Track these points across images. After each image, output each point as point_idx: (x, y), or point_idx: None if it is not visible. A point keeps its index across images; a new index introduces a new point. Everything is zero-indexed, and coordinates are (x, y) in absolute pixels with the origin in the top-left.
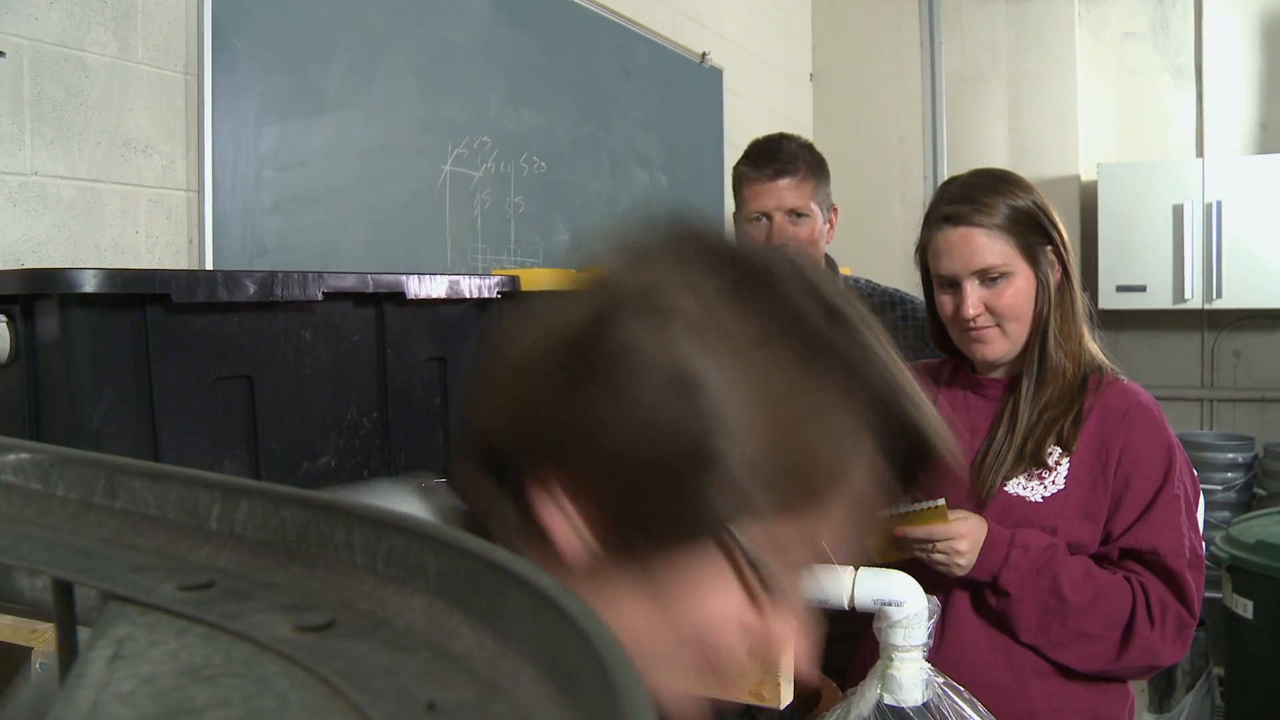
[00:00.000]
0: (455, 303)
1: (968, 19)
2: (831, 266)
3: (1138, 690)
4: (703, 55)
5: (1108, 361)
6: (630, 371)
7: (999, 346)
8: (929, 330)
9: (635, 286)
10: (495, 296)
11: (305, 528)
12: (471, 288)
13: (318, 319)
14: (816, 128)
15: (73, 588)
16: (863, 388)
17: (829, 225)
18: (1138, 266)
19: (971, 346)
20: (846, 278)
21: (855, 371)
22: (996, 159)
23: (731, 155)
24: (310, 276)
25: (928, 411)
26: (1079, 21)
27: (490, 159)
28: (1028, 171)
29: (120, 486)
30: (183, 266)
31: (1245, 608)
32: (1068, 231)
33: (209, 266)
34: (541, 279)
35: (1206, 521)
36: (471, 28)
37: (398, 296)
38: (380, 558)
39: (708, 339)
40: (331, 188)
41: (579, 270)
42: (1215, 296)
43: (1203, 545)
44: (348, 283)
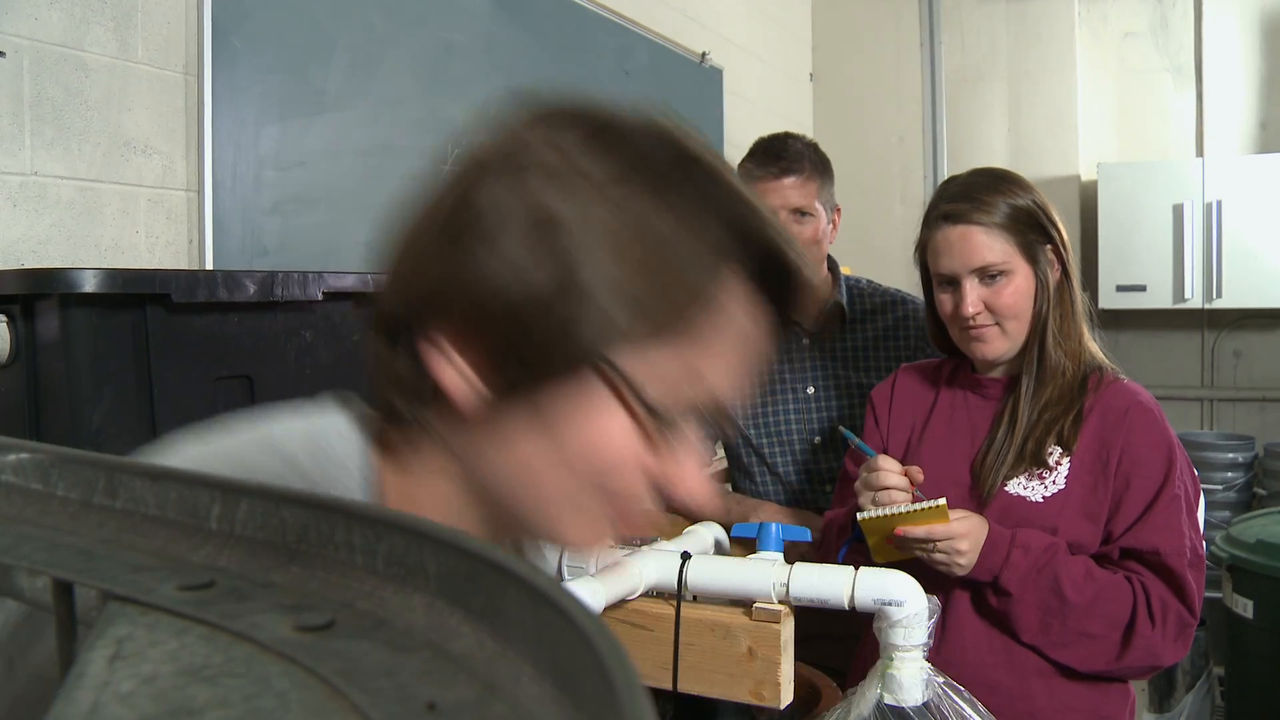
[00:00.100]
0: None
1: (968, 19)
2: (833, 267)
3: (1138, 690)
4: (703, 55)
5: (1108, 361)
6: (496, 221)
7: (998, 345)
8: (929, 330)
9: (497, 151)
10: None
11: (305, 528)
12: None
13: (318, 319)
14: (816, 128)
15: (73, 588)
16: (715, 210)
17: (832, 225)
18: (1138, 266)
19: (971, 345)
20: (848, 278)
21: (706, 197)
22: (996, 159)
23: (731, 155)
24: (310, 276)
25: (781, 231)
26: (1079, 21)
27: None
28: (1028, 171)
29: (120, 486)
30: (183, 266)
31: (1245, 607)
32: (1068, 231)
33: (209, 266)
34: None
35: (1207, 521)
36: (471, 28)
37: None
38: (380, 558)
39: (564, 183)
40: (331, 188)
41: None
42: (1215, 296)
43: (1203, 545)
44: (348, 283)
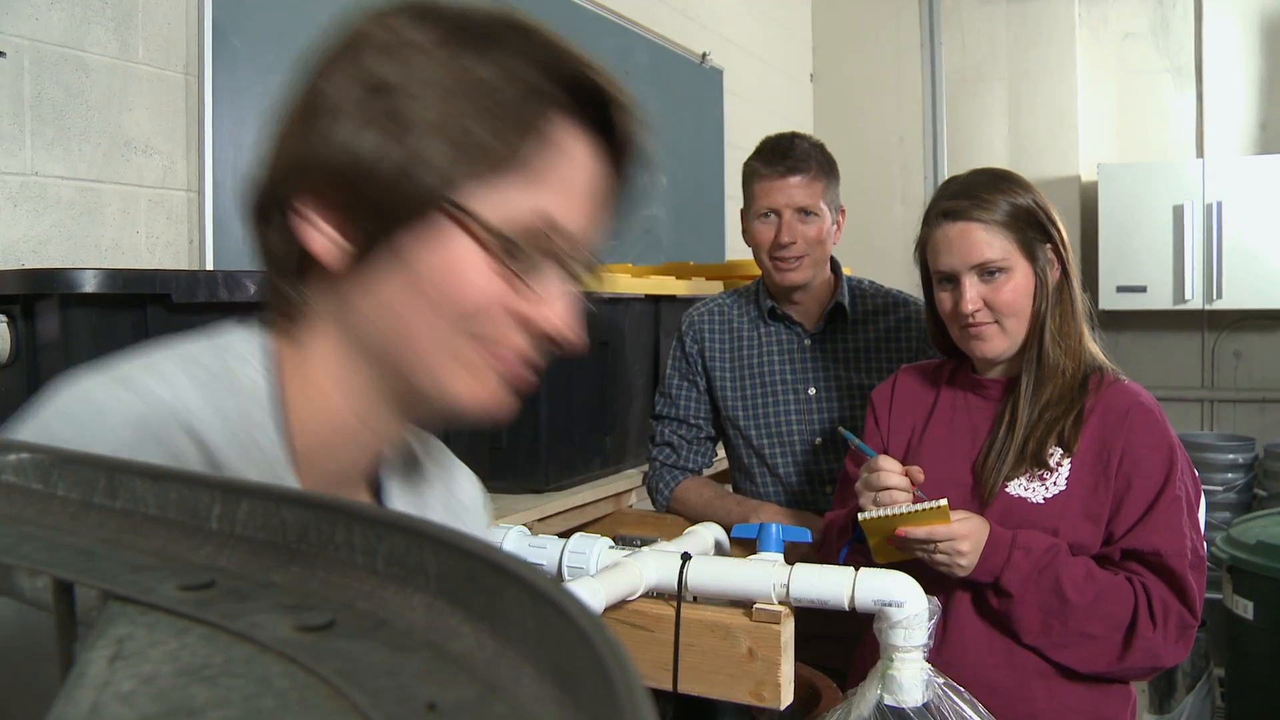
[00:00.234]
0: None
1: (968, 19)
2: (836, 268)
3: (1138, 691)
4: (703, 55)
5: (1108, 362)
6: (338, 97)
7: (998, 343)
8: (929, 331)
9: (337, 43)
10: None
11: (305, 528)
12: None
13: None
14: (816, 128)
15: (73, 588)
16: (534, 57)
17: (837, 226)
18: (1138, 267)
19: (970, 344)
20: (851, 279)
21: (525, 47)
22: (996, 159)
23: (732, 155)
24: None
25: (598, 68)
26: (1079, 22)
27: None
28: (1028, 172)
29: (120, 486)
30: (183, 266)
31: (1246, 608)
32: (1068, 232)
33: (209, 266)
34: None
35: (1207, 522)
36: None
37: None
38: (380, 558)
39: (394, 53)
40: None
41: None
42: (1215, 297)
43: (1204, 546)
44: None
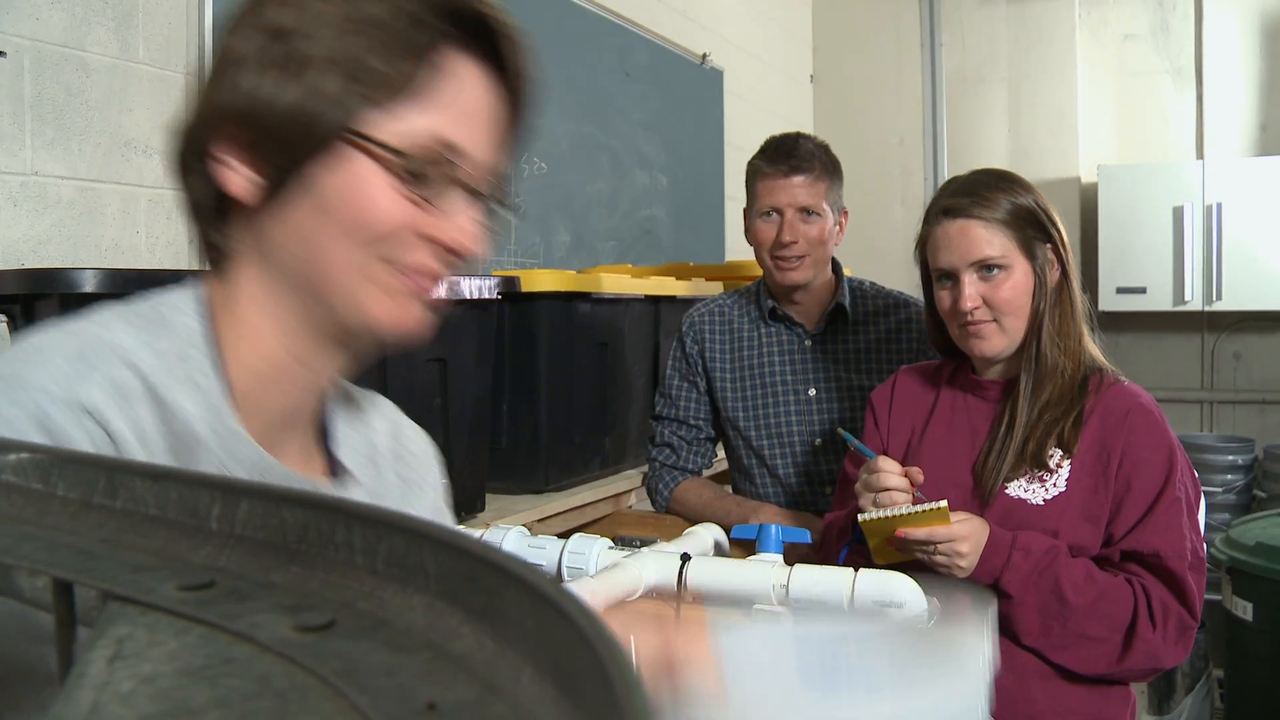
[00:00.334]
0: (455, 304)
1: (968, 20)
2: (837, 269)
3: (1137, 692)
4: (703, 56)
5: (1107, 363)
6: (243, 46)
7: (997, 342)
8: (929, 332)
9: (245, 5)
10: (495, 298)
11: (305, 528)
12: (472, 289)
13: None
14: (816, 129)
15: (73, 588)
16: None
17: (839, 227)
18: (1138, 268)
19: (970, 342)
20: (851, 279)
21: None
22: (996, 160)
23: (732, 156)
24: None
25: (489, 4)
26: (1079, 23)
27: None
28: (1028, 173)
29: (120, 486)
30: (183, 266)
31: (1245, 610)
32: (1068, 233)
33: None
34: (542, 280)
35: (1206, 524)
36: None
37: None
38: (380, 558)
39: (290, 3)
40: None
41: None
42: (1215, 298)
43: (1204, 547)
44: None
